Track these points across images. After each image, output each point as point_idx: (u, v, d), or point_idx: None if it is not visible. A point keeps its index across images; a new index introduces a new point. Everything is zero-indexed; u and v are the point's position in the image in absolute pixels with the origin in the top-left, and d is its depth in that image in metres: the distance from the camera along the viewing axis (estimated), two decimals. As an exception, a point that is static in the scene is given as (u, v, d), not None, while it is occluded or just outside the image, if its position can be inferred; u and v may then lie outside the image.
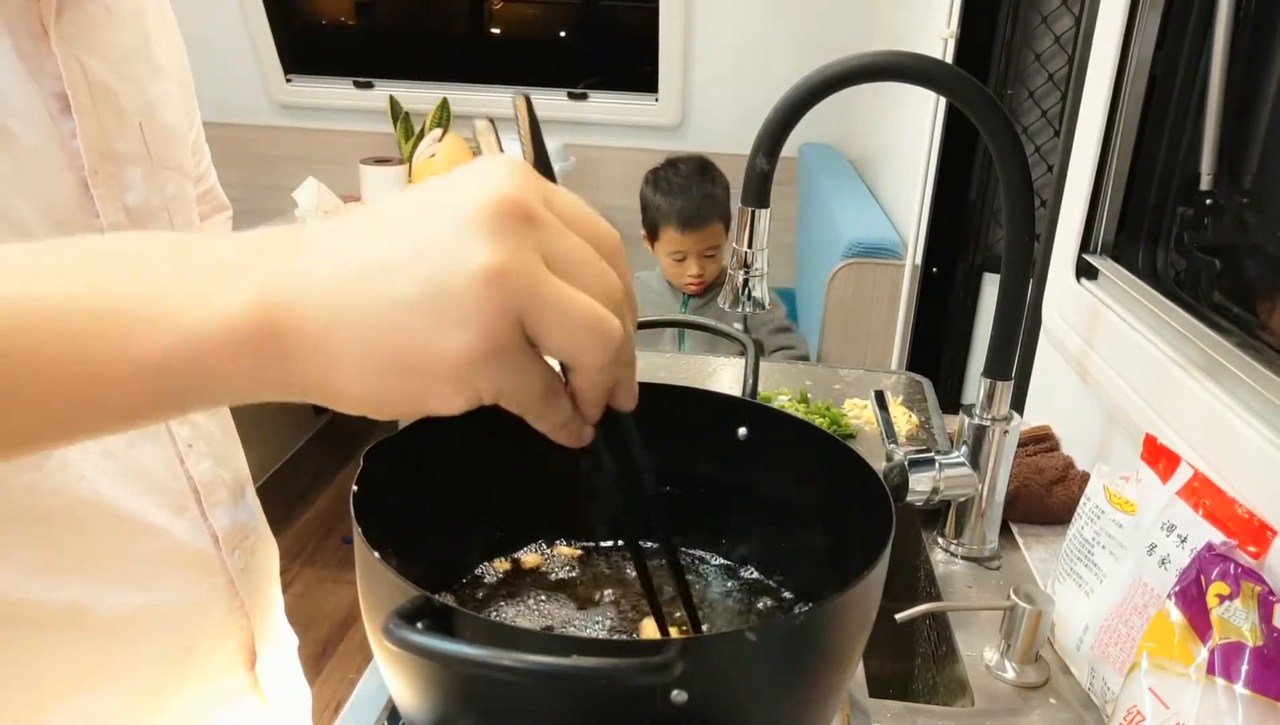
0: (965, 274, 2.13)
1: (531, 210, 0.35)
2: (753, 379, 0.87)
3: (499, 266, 0.33)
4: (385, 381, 0.35)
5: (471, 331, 0.34)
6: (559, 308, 0.35)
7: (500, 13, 3.57)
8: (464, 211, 0.34)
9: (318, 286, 0.34)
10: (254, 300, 0.34)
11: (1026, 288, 0.90)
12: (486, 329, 0.34)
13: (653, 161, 3.41)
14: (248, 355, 0.34)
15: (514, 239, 0.34)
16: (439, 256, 0.34)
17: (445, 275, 0.33)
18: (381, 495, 0.61)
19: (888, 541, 0.56)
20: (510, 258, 0.34)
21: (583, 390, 0.39)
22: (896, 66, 0.82)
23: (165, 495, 0.65)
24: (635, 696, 0.46)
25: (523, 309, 0.34)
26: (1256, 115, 0.94)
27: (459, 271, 0.33)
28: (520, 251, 0.34)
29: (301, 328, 0.34)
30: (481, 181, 0.35)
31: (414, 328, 0.34)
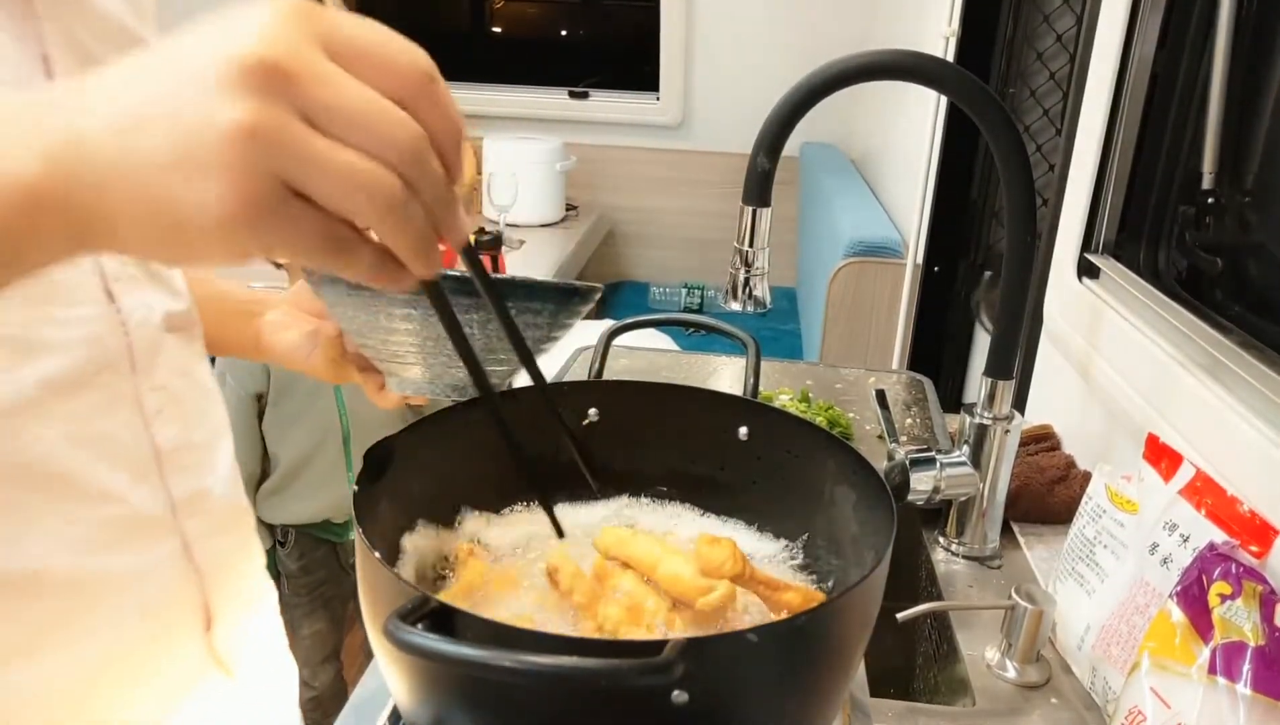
0: (966, 273, 2.13)
1: (291, 65, 0.34)
2: (754, 378, 0.87)
3: (246, 125, 0.33)
4: (159, 237, 0.36)
5: (222, 190, 0.34)
6: (316, 163, 0.34)
7: (501, 11, 3.57)
8: (217, 64, 0.34)
9: (91, 146, 0.35)
10: (38, 167, 0.35)
11: (1028, 287, 0.89)
12: (237, 188, 0.34)
13: (655, 160, 3.43)
14: (42, 218, 0.36)
15: (267, 96, 0.34)
16: (190, 115, 0.34)
17: (195, 133, 0.34)
18: (382, 495, 0.61)
19: (889, 542, 0.56)
20: (258, 116, 0.33)
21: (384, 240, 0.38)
22: (897, 65, 0.82)
23: (127, 461, 0.65)
24: (636, 697, 0.46)
25: (279, 167, 0.34)
26: (1258, 114, 0.94)
27: (207, 130, 0.33)
28: (270, 109, 0.34)
29: (80, 189, 0.35)
30: (239, 33, 0.34)
31: (171, 186, 0.34)
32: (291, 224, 0.35)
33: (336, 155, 0.35)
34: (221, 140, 0.33)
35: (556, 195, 3.07)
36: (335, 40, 0.36)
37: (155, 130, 0.34)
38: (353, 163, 0.35)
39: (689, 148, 3.32)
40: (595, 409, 0.75)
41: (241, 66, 0.33)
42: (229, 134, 0.33)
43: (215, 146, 0.33)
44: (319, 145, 0.34)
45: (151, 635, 0.69)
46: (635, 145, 3.34)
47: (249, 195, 0.34)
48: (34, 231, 0.36)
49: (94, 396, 0.61)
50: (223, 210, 0.34)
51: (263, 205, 0.34)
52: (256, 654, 0.82)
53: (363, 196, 0.35)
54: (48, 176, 0.35)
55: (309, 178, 0.35)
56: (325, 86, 0.35)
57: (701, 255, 3.39)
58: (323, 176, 0.35)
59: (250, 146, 0.33)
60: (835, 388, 1.36)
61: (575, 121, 3.29)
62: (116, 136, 0.35)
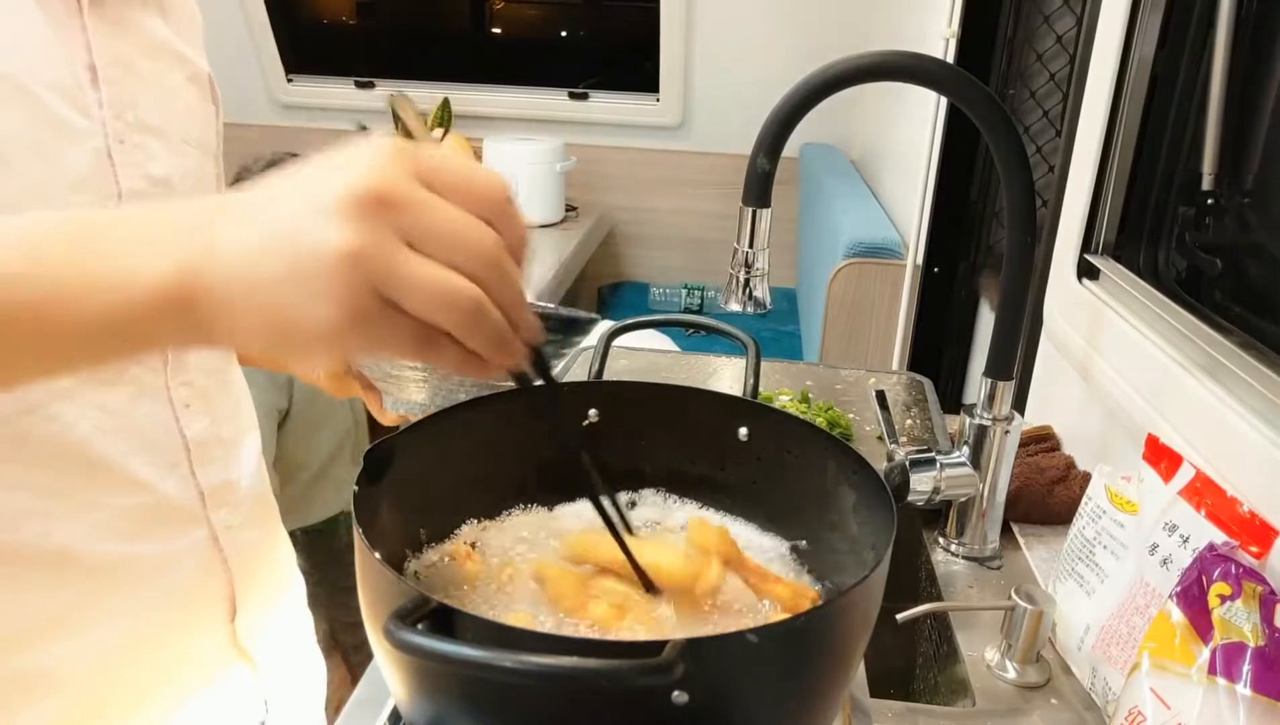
0: (966, 274, 2.13)
1: (393, 195, 0.39)
2: (754, 379, 0.87)
3: (351, 251, 0.38)
4: (274, 341, 0.41)
5: (331, 306, 0.39)
6: (409, 280, 0.40)
7: (501, 12, 3.57)
8: (327, 197, 0.39)
9: (220, 262, 0.41)
10: (171, 273, 0.41)
11: (1028, 288, 0.89)
12: (343, 304, 0.39)
13: (654, 161, 3.42)
14: (169, 315, 0.41)
15: (369, 223, 0.39)
16: (306, 239, 0.39)
17: (307, 257, 0.39)
18: (382, 495, 0.61)
19: (889, 542, 0.56)
20: (363, 242, 0.39)
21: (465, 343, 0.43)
22: (898, 66, 0.82)
23: (157, 452, 0.68)
24: (636, 697, 0.46)
25: (379, 284, 0.39)
26: (1258, 114, 0.94)
27: (317, 252, 0.39)
28: (374, 234, 0.39)
29: (208, 296, 0.41)
30: (346, 168, 0.40)
31: (285, 302, 0.39)
32: (388, 331, 0.41)
33: (427, 272, 0.40)
34: (330, 261, 0.39)
35: (556, 196, 3.07)
36: (429, 171, 0.41)
37: (278, 253, 0.40)
38: (440, 278, 0.40)
39: (689, 148, 3.32)
40: (595, 410, 0.75)
41: (349, 197, 0.39)
42: (336, 256, 0.38)
43: (325, 267, 0.39)
44: (413, 264, 0.40)
45: (177, 621, 0.72)
46: (635, 146, 3.34)
47: (352, 309, 0.39)
48: (155, 328, 0.42)
49: (126, 388, 0.65)
50: (329, 322, 0.39)
51: (363, 317, 0.40)
52: (281, 647, 0.84)
53: (447, 306, 0.40)
54: (179, 284, 0.40)
55: (403, 293, 0.40)
56: (421, 210, 0.40)
57: (701, 256, 3.39)
58: (415, 291, 0.40)
59: (353, 267, 0.39)
60: (835, 388, 1.36)
61: (575, 122, 3.29)
62: (246, 258, 0.40)
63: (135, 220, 0.43)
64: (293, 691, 0.87)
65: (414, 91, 3.14)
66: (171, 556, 0.70)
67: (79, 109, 0.61)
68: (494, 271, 0.42)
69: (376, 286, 0.39)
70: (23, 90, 0.57)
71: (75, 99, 0.61)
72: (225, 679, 0.77)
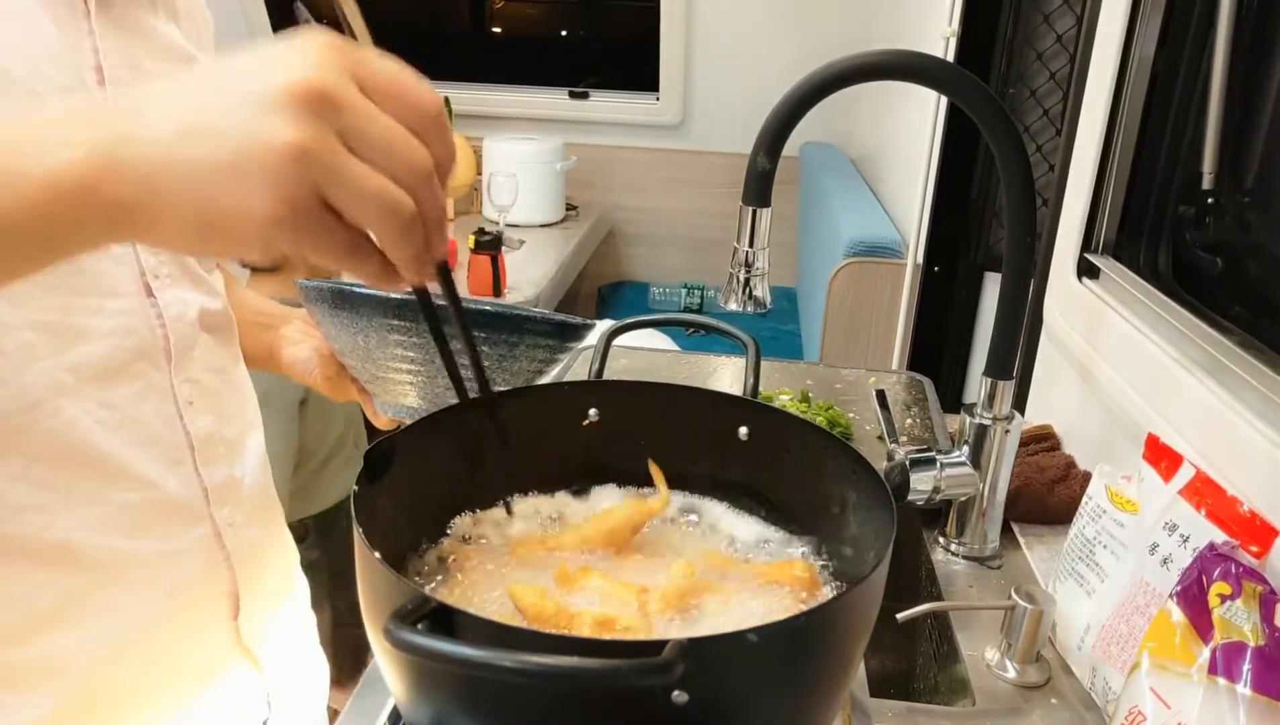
0: (966, 273, 2.13)
1: (335, 94, 0.40)
2: (754, 378, 0.87)
3: (299, 145, 0.38)
4: (198, 231, 0.41)
5: (271, 198, 0.39)
6: (352, 184, 0.40)
7: (501, 12, 3.57)
8: (275, 88, 0.39)
9: (142, 146, 0.40)
10: (85, 157, 0.40)
11: (1028, 287, 0.89)
12: (284, 197, 0.39)
13: (654, 160, 3.42)
14: (84, 204, 0.40)
15: (315, 120, 0.39)
16: (247, 129, 0.39)
17: (250, 147, 0.39)
18: (381, 494, 0.61)
19: (889, 542, 0.56)
20: (309, 138, 0.39)
21: (387, 252, 0.44)
22: (898, 65, 0.82)
23: (161, 448, 0.68)
24: (636, 697, 0.46)
25: (319, 183, 0.39)
26: (1258, 114, 0.94)
27: (262, 145, 0.38)
28: (319, 132, 0.39)
29: (127, 183, 0.40)
30: (294, 60, 0.40)
31: (221, 191, 0.39)
32: (320, 231, 0.41)
33: (369, 177, 0.40)
34: (275, 154, 0.38)
35: (556, 195, 3.07)
36: (367, 76, 0.41)
37: (213, 139, 0.39)
38: (381, 185, 0.41)
39: (689, 148, 3.32)
40: (595, 409, 0.75)
41: (296, 91, 0.39)
42: (283, 149, 0.38)
43: (269, 159, 0.38)
44: (356, 168, 0.40)
45: (179, 617, 0.72)
46: (635, 145, 3.34)
47: (291, 203, 0.39)
48: (74, 219, 0.41)
49: (129, 385, 0.65)
50: (265, 214, 0.39)
51: (300, 213, 0.40)
52: (284, 647, 0.85)
53: (385, 213, 0.41)
54: (93, 168, 0.40)
55: (344, 194, 0.40)
56: (362, 116, 0.40)
57: (701, 255, 3.39)
58: (356, 194, 0.40)
59: (299, 162, 0.39)
60: (835, 388, 1.36)
61: (575, 121, 3.29)
62: (174, 140, 0.40)
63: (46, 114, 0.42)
64: (295, 691, 0.88)
65: (414, 91, 3.13)
66: (174, 553, 0.70)
67: None
68: (424, 187, 0.42)
69: (318, 184, 0.39)
70: (28, 91, 0.58)
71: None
72: (228, 677, 0.77)
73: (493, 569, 0.66)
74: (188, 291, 0.70)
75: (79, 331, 0.61)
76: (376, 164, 0.41)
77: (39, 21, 0.59)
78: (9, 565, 0.61)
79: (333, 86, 0.39)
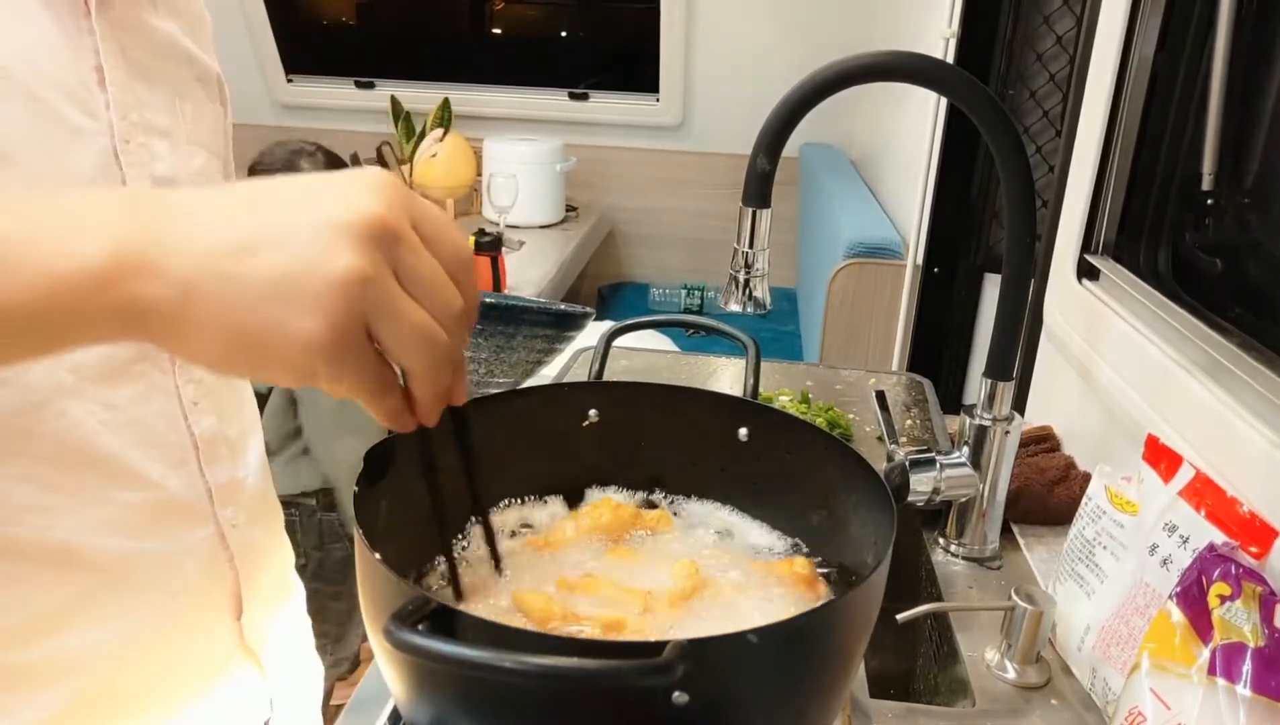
0: (966, 274, 2.13)
1: (398, 231, 0.40)
2: (753, 379, 0.87)
3: (360, 275, 0.38)
4: (232, 351, 0.39)
5: (320, 324, 0.38)
6: (400, 318, 0.40)
7: (501, 13, 3.57)
8: (339, 215, 0.39)
9: (181, 250, 0.38)
10: (111, 251, 0.38)
11: (1028, 288, 0.89)
12: (334, 325, 0.38)
13: (654, 161, 3.42)
14: (103, 301, 0.38)
15: (377, 253, 0.39)
16: (307, 250, 0.38)
17: (308, 269, 0.38)
18: (382, 495, 0.61)
19: (890, 543, 0.56)
20: (371, 267, 0.39)
21: (415, 388, 0.44)
22: (897, 66, 0.82)
23: (165, 449, 0.68)
24: (636, 698, 0.46)
25: (369, 314, 0.39)
26: (1258, 115, 0.94)
27: (324, 268, 0.38)
28: (379, 265, 0.39)
29: (158, 286, 0.38)
30: (362, 192, 0.40)
31: (268, 310, 0.38)
32: (359, 362, 0.41)
33: (416, 312, 0.41)
34: (334, 281, 0.38)
35: (556, 196, 3.07)
36: (419, 216, 0.42)
37: (267, 258, 0.38)
38: (425, 321, 0.41)
39: (689, 148, 3.32)
40: (595, 410, 0.75)
41: (360, 222, 0.39)
42: (345, 275, 0.38)
43: (326, 285, 0.38)
44: (407, 302, 0.40)
45: (183, 618, 0.72)
46: (635, 146, 3.34)
47: (339, 332, 0.39)
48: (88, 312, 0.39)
49: (133, 385, 0.65)
50: (314, 341, 0.39)
51: (346, 342, 0.39)
52: (283, 649, 0.85)
53: (423, 350, 0.42)
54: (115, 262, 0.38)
55: (391, 326, 0.40)
56: (416, 253, 0.41)
57: (701, 256, 3.39)
58: (402, 328, 0.40)
59: (357, 290, 0.38)
60: (835, 389, 1.36)
61: (575, 122, 3.29)
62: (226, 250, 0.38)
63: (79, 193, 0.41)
64: (295, 692, 0.88)
65: (414, 91, 3.13)
66: (178, 554, 0.70)
67: (85, 110, 0.62)
68: (457, 330, 0.43)
69: (368, 315, 0.39)
70: (28, 92, 0.58)
71: (82, 100, 0.61)
72: (231, 677, 0.78)
73: (487, 574, 0.66)
74: None
75: None
76: (421, 302, 0.41)
77: (40, 21, 0.59)
78: (13, 567, 0.61)
79: (395, 222, 0.40)
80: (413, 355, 0.41)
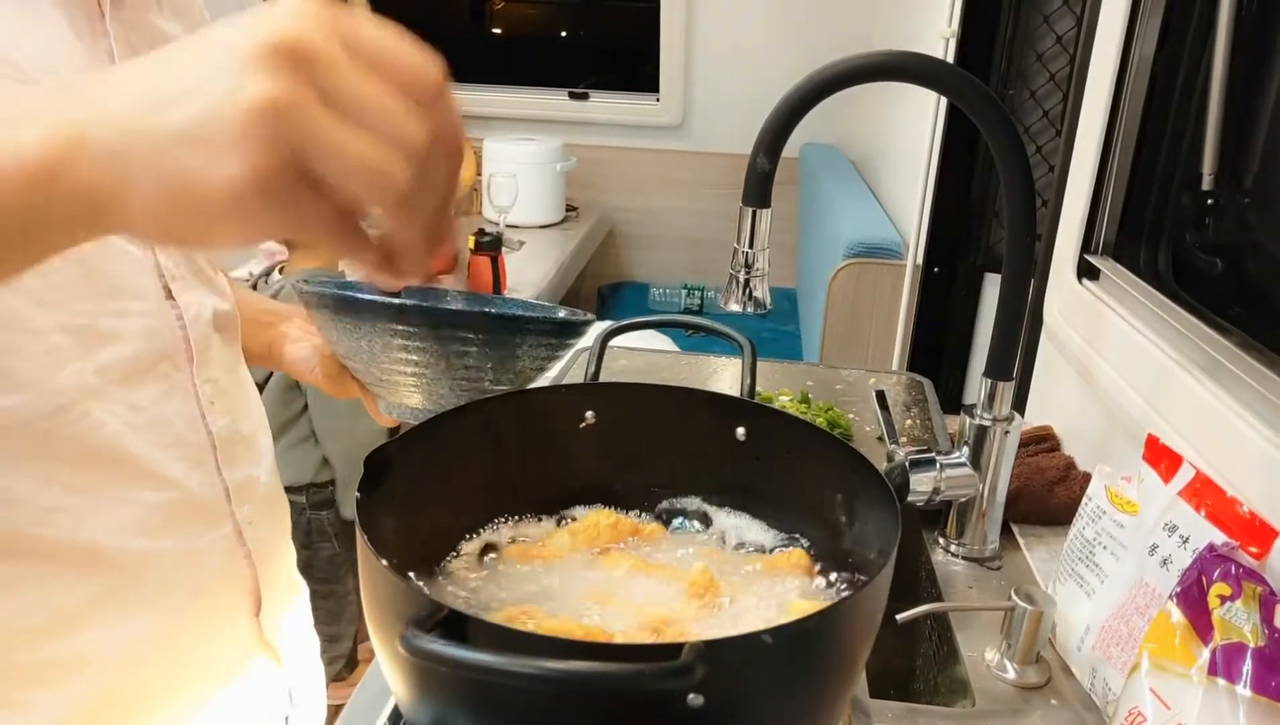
0: (966, 274, 2.13)
1: (312, 48, 0.35)
2: (750, 379, 0.87)
3: (268, 99, 0.34)
4: (171, 214, 0.36)
5: (239, 164, 0.34)
6: (332, 146, 0.35)
7: (501, 12, 3.57)
8: (244, 45, 0.35)
9: (105, 119, 0.36)
10: (47, 138, 0.35)
11: (1028, 288, 0.89)
12: (254, 163, 0.34)
13: (654, 161, 3.42)
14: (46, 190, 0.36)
15: (288, 75, 0.34)
16: (214, 89, 0.34)
17: (217, 107, 0.34)
18: (385, 501, 0.61)
19: (895, 541, 0.56)
20: (281, 92, 0.34)
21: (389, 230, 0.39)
22: (897, 66, 0.82)
23: (185, 448, 0.69)
24: (651, 700, 0.46)
25: (297, 144, 0.35)
26: (1258, 115, 0.94)
27: (229, 103, 0.34)
28: (293, 88, 0.34)
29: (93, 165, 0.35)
30: (267, 18, 0.35)
31: (188, 159, 0.35)
32: (301, 203, 0.36)
33: (354, 140, 0.35)
34: (244, 113, 0.34)
35: (556, 196, 3.07)
36: (357, 39, 0.37)
37: (179, 106, 0.35)
38: (368, 150, 0.36)
39: (689, 148, 3.32)
40: (592, 411, 0.75)
41: (267, 46, 0.34)
42: (251, 107, 0.34)
43: (237, 120, 0.34)
44: (338, 128, 0.35)
45: (204, 615, 0.73)
46: (635, 146, 3.34)
47: (265, 170, 0.34)
48: (45, 207, 0.36)
49: (154, 386, 0.66)
50: (237, 183, 0.34)
51: (277, 182, 0.35)
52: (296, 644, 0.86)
53: (373, 184, 0.36)
54: (55, 149, 0.35)
55: (326, 158, 0.35)
56: (346, 78, 0.36)
57: (701, 255, 3.39)
58: (339, 158, 0.35)
59: (271, 120, 0.34)
60: (835, 388, 1.36)
61: (575, 122, 3.29)
62: (139, 113, 0.35)
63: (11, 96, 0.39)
64: (310, 686, 0.90)
65: (414, 91, 3.13)
66: (198, 552, 0.71)
67: None
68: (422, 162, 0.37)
69: (293, 147, 0.35)
70: None
71: None
72: (252, 672, 0.79)
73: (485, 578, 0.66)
74: (202, 293, 0.71)
75: (106, 334, 0.62)
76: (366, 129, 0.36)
77: (57, 24, 0.60)
78: (37, 566, 0.62)
79: (311, 42, 0.35)
80: (359, 190, 0.36)
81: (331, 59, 0.35)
